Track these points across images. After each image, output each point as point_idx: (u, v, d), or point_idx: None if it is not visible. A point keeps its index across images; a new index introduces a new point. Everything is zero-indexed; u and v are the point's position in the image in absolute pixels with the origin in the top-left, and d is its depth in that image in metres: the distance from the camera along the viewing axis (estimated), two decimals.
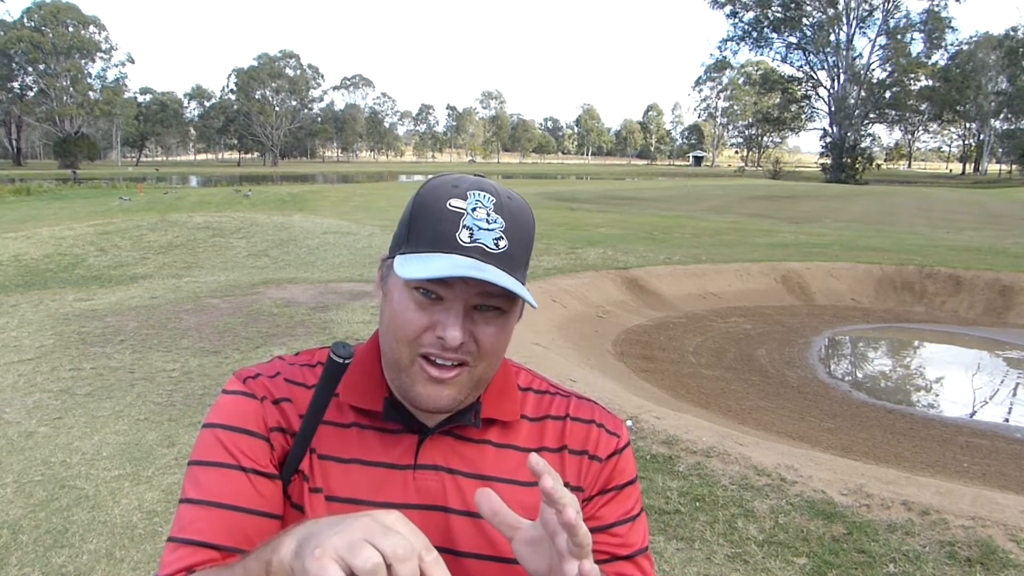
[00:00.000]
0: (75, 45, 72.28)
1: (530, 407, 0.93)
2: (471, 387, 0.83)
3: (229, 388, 0.89)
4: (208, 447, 0.85)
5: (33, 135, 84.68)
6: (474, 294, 0.79)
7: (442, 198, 0.80)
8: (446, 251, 0.77)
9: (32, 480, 3.76)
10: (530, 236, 0.83)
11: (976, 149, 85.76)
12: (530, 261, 0.85)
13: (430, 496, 0.85)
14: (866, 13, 66.71)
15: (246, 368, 0.92)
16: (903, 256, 12.43)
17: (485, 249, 0.77)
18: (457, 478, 0.86)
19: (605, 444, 0.93)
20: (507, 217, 0.80)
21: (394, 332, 0.82)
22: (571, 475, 0.91)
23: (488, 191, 0.81)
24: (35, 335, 6.62)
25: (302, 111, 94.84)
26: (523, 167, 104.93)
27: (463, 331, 0.79)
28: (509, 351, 0.89)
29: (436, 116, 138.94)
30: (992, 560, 3.00)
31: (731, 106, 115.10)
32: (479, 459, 0.88)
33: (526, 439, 0.91)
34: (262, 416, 0.86)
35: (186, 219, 15.59)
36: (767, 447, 4.20)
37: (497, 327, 0.82)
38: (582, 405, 0.96)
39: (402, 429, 0.87)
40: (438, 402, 0.82)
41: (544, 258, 11.46)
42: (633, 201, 27.64)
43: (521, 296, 0.78)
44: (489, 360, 0.83)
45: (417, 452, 0.86)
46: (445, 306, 0.79)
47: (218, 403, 0.89)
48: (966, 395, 7.26)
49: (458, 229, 0.78)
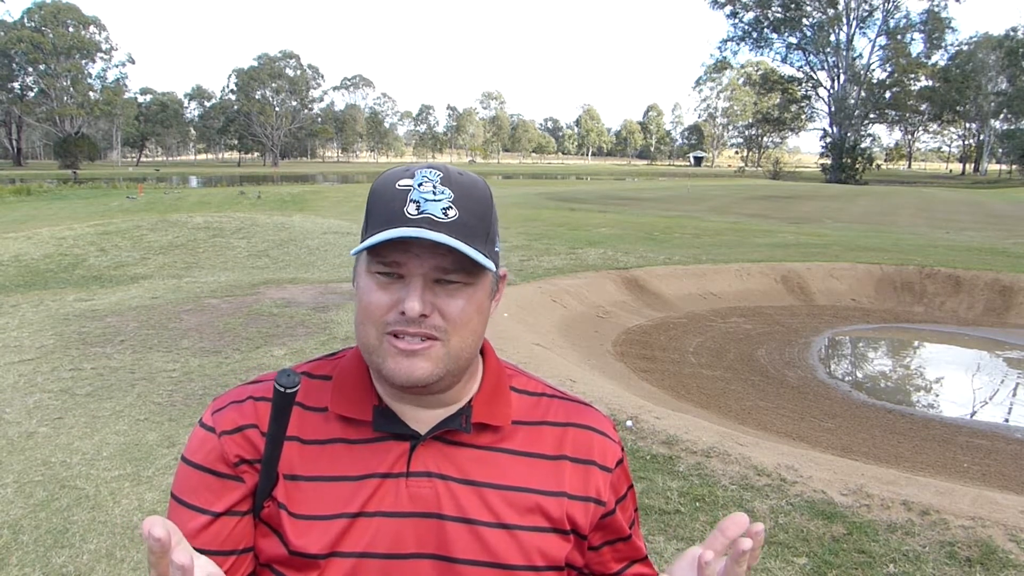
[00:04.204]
0: (75, 45, 72.25)
1: (524, 411, 0.92)
2: (448, 362, 0.83)
3: (203, 420, 0.89)
4: (182, 484, 0.87)
5: (33, 135, 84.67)
6: (430, 267, 0.80)
7: (392, 182, 0.82)
8: (395, 225, 0.78)
9: (32, 480, 3.77)
10: (485, 208, 0.84)
11: (976, 149, 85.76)
12: (496, 235, 0.86)
13: (424, 504, 0.84)
14: (866, 13, 66.82)
15: (222, 395, 0.92)
16: (903, 256, 12.43)
17: (433, 219, 0.79)
18: (450, 484, 0.85)
19: (612, 453, 0.93)
20: (455, 189, 0.81)
21: (363, 316, 0.83)
22: (575, 485, 0.90)
23: (437, 168, 0.83)
24: (35, 335, 6.62)
25: (302, 111, 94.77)
26: (523, 167, 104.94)
27: (421, 302, 0.79)
28: (510, 351, 0.89)
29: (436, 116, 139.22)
30: (992, 560, 3.00)
31: (731, 106, 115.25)
32: (472, 465, 0.87)
33: (521, 444, 0.90)
34: (221, 454, 0.86)
35: (186, 219, 15.59)
36: (767, 447, 4.20)
37: (463, 299, 0.82)
38: (579, 410, 0.95)
39: (393, 437, 0.86)
40: (411, 375, 0.81)
41: (544, 258, 11.46)
42: (633, 201, 27.65)
43: (477, 260, 0.79)
44: (461, 334, 0.82)
45: (409, 459, 0.85)
46: (405, 282, 0.81)
47: (193, 436, 0.89)
48: (966, 395, 7.26)
49: (405, 204, 0.79)
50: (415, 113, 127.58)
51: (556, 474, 0.89)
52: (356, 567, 0.83)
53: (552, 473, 0.89)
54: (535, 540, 0.86)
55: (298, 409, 0.87)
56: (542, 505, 0.87)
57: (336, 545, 0.83)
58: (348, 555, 0.83)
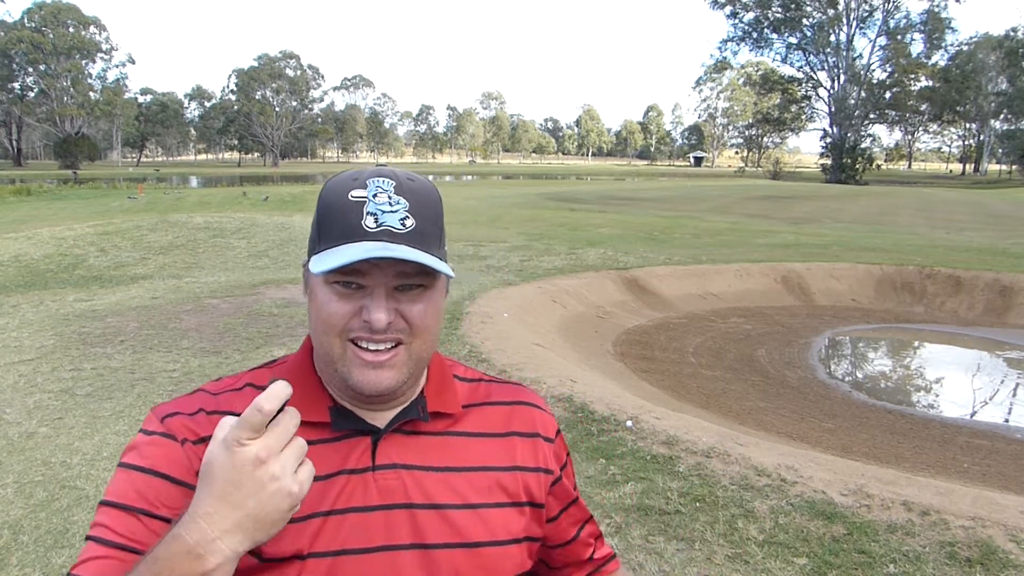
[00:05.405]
0: (75, 46, 72.28)
1: (468, 395, 0.97)
2: (412, 365, 0.85)
3: (147, 428, 0.86)
4: (124, 490, 0.81)
5: (34, 135, 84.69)
6: (392, 276, 0.81)
7: (343, 192, 0.82)
8: (355, 240, 0.79)
9: (33, 480, 3.77)
10: (437, 212, 0.85)
11: (976, 150, 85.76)
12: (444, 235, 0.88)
13: (392, 495, 0.86)
14: (866, 13, 66.81)
15: (165, 404, 0.89)
16: (903, 256, 12.43)
17: (392, 231, 0.79)
18: (415, 473, 0.87)
19: (551, 424, 1.01)
20: (410, 197, 0.82)
21: (322, 327, 0.83)
22: (526, 458, 0.95)
23: (387, 176, 0.84)
24: (35, 335, 6.62)
25: (302, 111, 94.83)
26: (523, 167, 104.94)
27: (387, 312, 0.81)
28: (510, 351, 0.90)
29: (436, 116, 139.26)
30: (992, 560, 3.00)
31: (731, 106, 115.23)
32: (433, 451, 0.90)
33: (473, 426, 0.94)
34: (186, 461, 0.82)
35: (186, 219, 15.59)
36: (767, 447, 4.20)
37: (423, 303, 0.83)
38: (517, 390, 1.02)
39: (353, 434, 0.87)
40: (379, 385, 0.83)
41: (544, 258, 11.46)
42: (633, 201, 27.65)
43: (438, 270, 0.80)
44: (423, 337, 0.85)
45: (374, 453, 0.87)
46: (366, 292, 0.81)
47: (136, 443, 0.85)
48: (966, 395, 7.26)
49: (362, 217, 0.80)
50: (415, 113, 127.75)
51: (508, 449, 0.94)
52: (333, 566, 0.83)
53: (505, 449, 0.94)
54: (499, 515, 0.90)
55: None
56: (500, 481, 0.92)
57: (312, 546, 0.83)
58: (324, 555, 0.83)
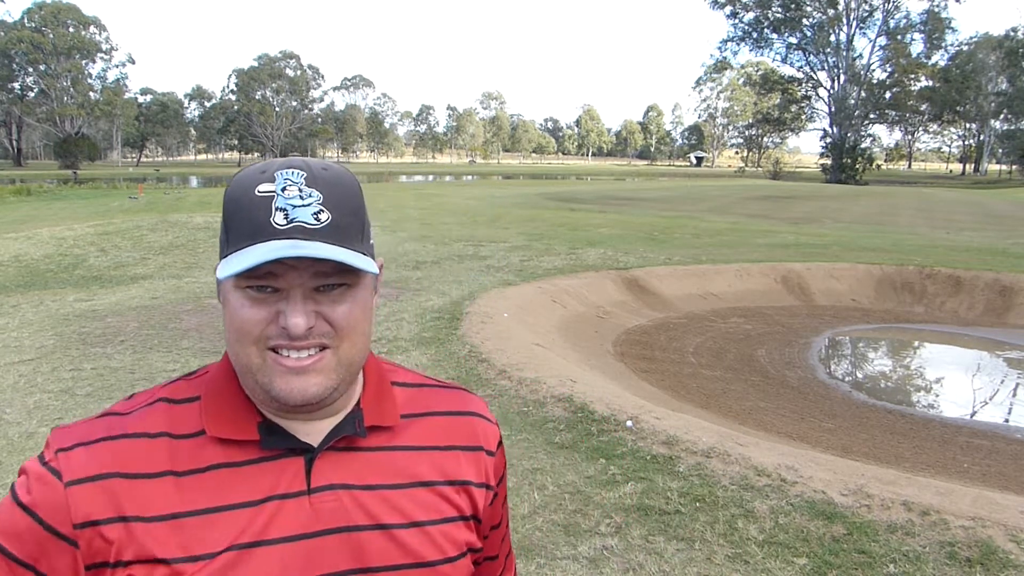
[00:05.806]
0: (75, 46, 72.25)
1: (407, 404, 0.89)
2: (341, 370, 0.78)
3: (43, 456, 0.77)
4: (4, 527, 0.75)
5: (34, 135, 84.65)
6: (309, 276, 0.74)
7: (250, 187, 0.74)
8: (263, 239, 0.72)
9: None
10: (356, 203, 0.78)
11: (976, 150, 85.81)
12: (369, 228, 0.81)
13: (333, 518, 0.78)
14: (866, 13, 66.85)
15: (66, 429, 0.79)
16: (903, 256, 12.43)
17: (305, 227, 0.72)
18: (354, 493, 0.80)
19: (493, 435, 0.94)
20: (323, 188, 0.74)
21: (237, 336, 0.76)
22: (471, 472, 0.89)
23: (297, 167, 0.75)
24: (35, 335, 6.62)
25: (302, 111, 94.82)
26: (523, 167, 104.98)
27: (306, 316, 0.74)
28: (510, 351, 0.89)
29: (436, 117, 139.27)
30: (992, 560, 3.00)
31: (731, 107, 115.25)
32: (372, 469, 0.83)
33: (414, 439, 0.87)
34: (64, 508, 0.74)
35: (186, 219, 15.59)
36: (767, 447, 4.20)
37: (347, 303, 0.76)
38: (459, 397, 0.94)
39: (286, 453, 0.79)
40: (305, 393, 0.75)
41: (544, 258, 11.46)
42: (633, 201, 27.65)
43: (358, 267, 0.73)
44: (351, 339, 0.77)
45: (308, 475, 0.79)
46: (282, 296, 0.74)
47: (28, 470, 0.77)
48: (966, 396, 7.26)
49: (271, 213, 0.72)
50: (415, 113, 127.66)
51: (454, 463, 0.88)
52: None
53: (450, 463, 0.87)
54: (447, 531, 0.84)
55: (166, 440, 0.78)
56: (447, 496, 0.86)
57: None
58: None
